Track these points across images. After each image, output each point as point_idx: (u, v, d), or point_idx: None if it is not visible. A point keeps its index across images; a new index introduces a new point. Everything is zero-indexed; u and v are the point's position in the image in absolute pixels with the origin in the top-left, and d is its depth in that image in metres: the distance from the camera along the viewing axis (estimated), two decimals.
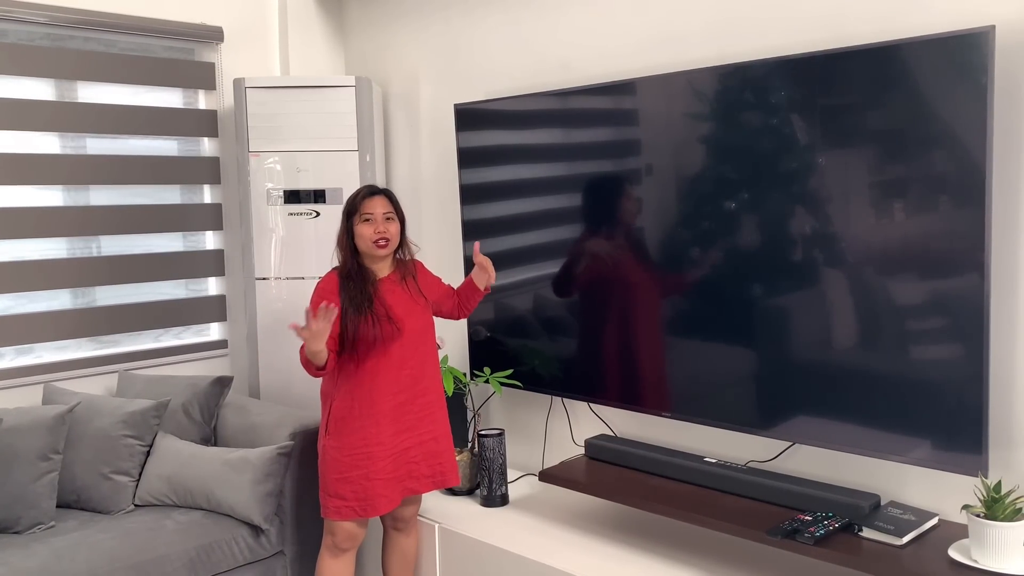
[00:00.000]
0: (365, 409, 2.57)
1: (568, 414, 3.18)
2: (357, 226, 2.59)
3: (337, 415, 2.60)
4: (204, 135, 3.69)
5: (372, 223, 2.58)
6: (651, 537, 2.70)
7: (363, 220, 2.58)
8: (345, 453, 2.58)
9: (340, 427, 2.59)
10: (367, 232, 2.57)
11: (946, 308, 2.12)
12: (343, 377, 2.59)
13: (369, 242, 2.58)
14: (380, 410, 2.57)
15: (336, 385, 2.61)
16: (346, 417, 2.58)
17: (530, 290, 3.07)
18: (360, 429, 2.57)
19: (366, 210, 2.58)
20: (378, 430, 2.58)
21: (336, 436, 2.59)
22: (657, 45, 2.82)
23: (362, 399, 2.57)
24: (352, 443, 2.57)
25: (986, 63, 1.98)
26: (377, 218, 2.58)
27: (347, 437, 2.58)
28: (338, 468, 2.59)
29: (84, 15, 3.30)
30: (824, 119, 2.31)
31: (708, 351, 2.61)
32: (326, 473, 2.62)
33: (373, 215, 2.58)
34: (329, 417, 2.61)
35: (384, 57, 3.83)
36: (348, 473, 2.57)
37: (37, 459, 2.78)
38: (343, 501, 2.59)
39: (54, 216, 3.29)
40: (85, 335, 3.38)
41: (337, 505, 2.60)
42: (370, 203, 2.59)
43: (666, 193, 2.68)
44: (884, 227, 2.21)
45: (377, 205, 2.59)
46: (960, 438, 2.11)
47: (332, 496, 2.60)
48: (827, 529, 2.22)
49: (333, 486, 2.60)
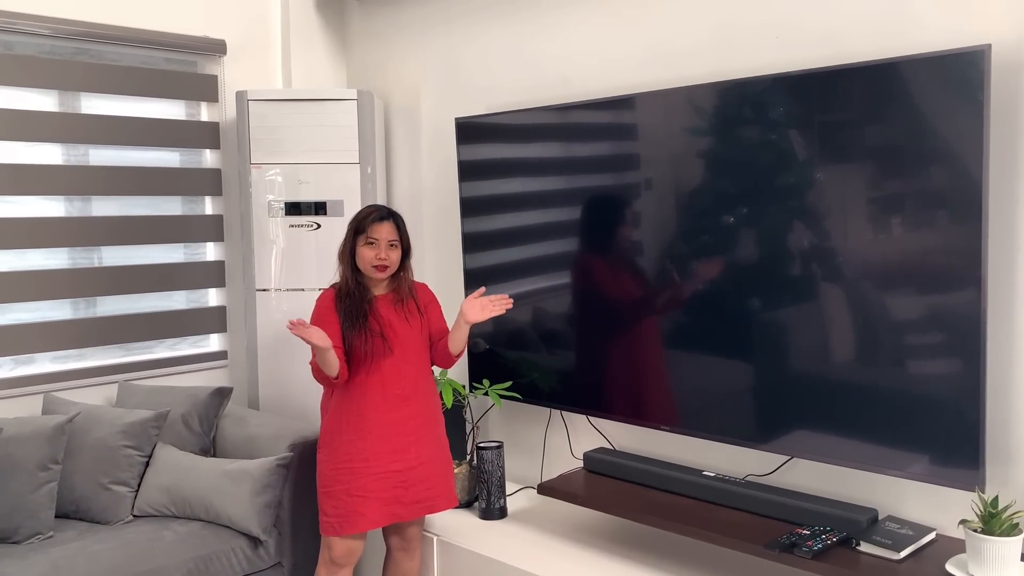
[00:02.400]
0: (353, 423, 2.58)
1: (567, 427, 3.18)
2: (361, 247, 2.61)
3: (327, 428, 2.64)
4: (206, 147, 3.71)
5: (375, 247, 2.59)
6: (649, 550, 2.70)
7: (367, 243, 2.60)
8: (331, 467, 2.61)
9: (329, 440, 2.63)
10: (369, 255, 2.59)
11: (943, 323, 2.13)
12: (336, 391, 2.63)
13: (369, 265, 2.60)
14: (367, 426, 2.58)
15: (331, 398, 2.66)
16: (334, 431, 2.61)
17: (529, 303, 3.08)
18: (347, 443, 2.58)
19: (372, 234, 2.59)
20: (364, 445, 2.58)
21: (326, 449, 2.63)
22: (656, 61, 2.84)
23: (350, 413, 2.59)
24: (338, 457, 2.59)
25: (982, 81, 2.00)
26: (381, 243, 2.60)
27: (334, 451, 2.60)
28: (323, 482, 2.63)
29: (88, 27, 3.32)
30: (822, 135, 2.33)
31: (707, 365, 2.62)
32: (318, 487, 2.66)
33: (378, 240, 2.60)
34: (323, 430, 2.66)
35: (386, 70, 3.85)
36: (331, 487, 2.60)
37: (36, 469, 2.78)
38: (326, 517, 2.62)
39: (56, 226, 3.30)
40: (85, 345, 3.39)
41: (322, 521, 2.63)
42: (378, 228, 2.60)
43: (665, 207, 2.70)
44: (882, 242, 2.22)
45: (384, 231, 2.60)
46: (957, 453, 2.11)
47: (320, 511, 2.64)
48: (825, 543, 2.22)
49: (320, 500, 2.64)
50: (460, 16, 3.49)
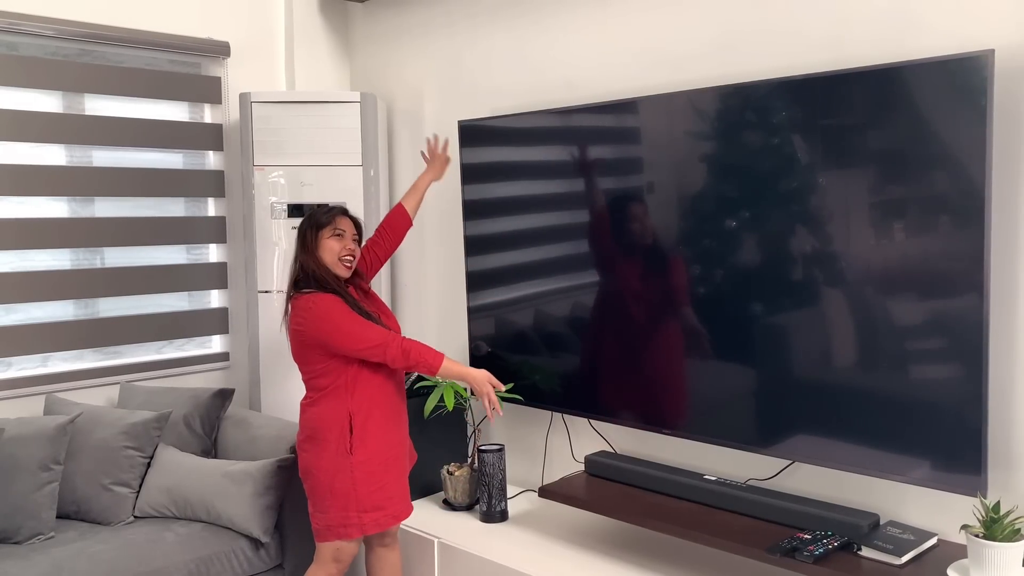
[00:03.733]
0: (381, 416, 2.58)
1: (568, 430, 3.18)
2: (327, 239, 2.59)
3: (360, 431, 2.54)
4: (209, 148, 3.71)
5: (342, 239, 2.60)
6: (650, 554, 2.70)
7: (335, 234, 2.60)
8: (377, 461, 2.55)
9: (364, 437, 2.54)
10: (336, 246, 2.59)
11: (946, 328, 2.13)
12: (360, 387, 2.55)
13: (336, 257, 2.59)
14: (388, 415, 2.61)
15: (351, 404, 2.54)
16: (369, 428, 2.55)
17: (531, 306, 3.08)
18: (384, 435, 2.58)
19: (339, 226, 2.61)
20: (398, 429, 2.65)
21: (363, 451, 2.53)
22: (659, 65, 2.84)
23: (375, 409, 2.57)
24: (378, 448, 2.56)
25: (985, 86, 2.00)
26: (348, 236, 2.62)
27: (372, 445, 2.55)
28: (373, 479, 2.54)
29: (93, 29, 3.33)
30: (825, 140, 2.33)
31: (709, 369, 2.62)
32: (357, 490, 2.52)
33: (345, 232, 2.62)
34: (352, 437, 2.53)
35: (389, 73, 3.86)
36: (383, 478, 2.56)
37: (38, 469, 2.79)
38: (381, 511, 2.55)
39: (59, 227, 3.31)
40: (88, 346, 3.39)
41: (376, 518, 2.55)
42: (343, 221, 2.64)
43: (667, 211, 2.70)
44: (884, 247, 2.22)
45: (348, 225, 2.64)
46: (959, 458, 2.11)
47: (369, 511, 2.53)
48: (826, 548, 2.22)
49: (371, 499, 2.53)
50: (463, 19, 3.50)
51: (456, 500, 3.17)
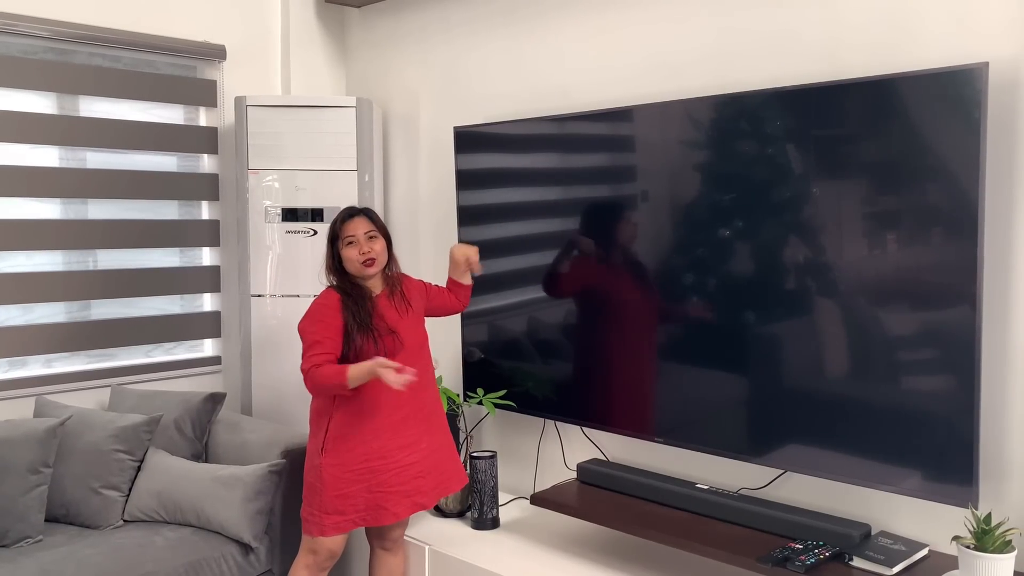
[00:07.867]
0: (367, 424, 2.56)
1: (560, 438, 3.18)
2: (343, 251, 2.60)
3: (335, 433, 2.58)
4: (204, 152, 3.71)
5: (356, 245, 2.59)
6: (642, 563, 2.70)
7: (347, 244, 2.60)
8: (345, 470, 2.56)
9: (338, 445, 2.57)
10: (353, 255, 2.59)
11: (938, 339, 2.13)
12: (351, 395, 2.55)
13: (357, 264, 2.59)
14: (381, 425, 2.57)
15: (335, 404, 2.59)
16: (346, 434, 2.57)
17: (525, 312, 3.08)
18: (361, 444, 2.56)
19: (347, 233, 2.60)
20: (379, 444, 2.57)
21: (334, 454, 2.57)
22: (655, 73, 2.85)
23: (363, 415, 2.56)
24: (351, 460, 2.56)
25: (980, 98, 2.01)
26: (360, 239, 2.60)
27: (346, 454, 2.56)
28: (337, 485, 2.56)
29: (88, 30, 3.32)
30: (819, 150, 2.34)
31: (701, 378, 2.62)
32: (323, 491, 2.58)
33: (355, 237, 2.60)
34: (326, 437, 2.59)
35: (385, 79, 3.86)
36: (347, 489, 2.56)
37: (27, 472, 2.77)
38: (342, 516, 2.58)
39: (52, 229, 3.29)
40: (79, 349, 3.38)
41: (336, 521, 2.58)
42: (350, 225, 2.61)
43: (661, 220, 2.70)
44: (877, 258, 2.23)
45: (358, 226, 2.61)
46: (951, 469, 2.12)
47: (330, 513, 2.57)
48: (817, 558, 2.22)
49: (332, 503, 2.57)
50: (460, 25, 3.50)
51: (448, 507, 3.16)
